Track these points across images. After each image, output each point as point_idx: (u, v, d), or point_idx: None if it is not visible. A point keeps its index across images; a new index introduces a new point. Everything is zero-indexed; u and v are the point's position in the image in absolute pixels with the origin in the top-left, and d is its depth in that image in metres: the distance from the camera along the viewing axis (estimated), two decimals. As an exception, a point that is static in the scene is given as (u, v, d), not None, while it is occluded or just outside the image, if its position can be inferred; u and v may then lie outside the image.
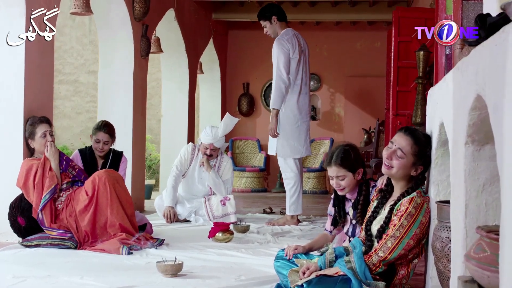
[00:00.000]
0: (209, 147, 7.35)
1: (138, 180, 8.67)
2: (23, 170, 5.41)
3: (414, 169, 3.49)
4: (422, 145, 3.47)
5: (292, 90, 7.36)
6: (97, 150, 6.26)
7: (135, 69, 8.39)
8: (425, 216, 3.38)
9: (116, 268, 4.52)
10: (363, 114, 13.50)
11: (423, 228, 3.39)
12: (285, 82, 7.26)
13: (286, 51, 7.30)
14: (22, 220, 5.41)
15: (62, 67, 14.17)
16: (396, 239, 3.35)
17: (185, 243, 5.65)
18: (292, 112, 7.35)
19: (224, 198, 7.34)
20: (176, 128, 11.10)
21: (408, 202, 3.40)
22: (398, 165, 3.48)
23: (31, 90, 5.72)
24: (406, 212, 3.36)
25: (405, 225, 3.35)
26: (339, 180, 4.11)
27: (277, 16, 7.48)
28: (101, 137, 6.24)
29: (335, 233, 4.35)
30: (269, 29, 7.54)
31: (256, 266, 4.64)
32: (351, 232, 4.16)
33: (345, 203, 4.27)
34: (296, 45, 7.43)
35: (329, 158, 4.17)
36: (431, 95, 3.53)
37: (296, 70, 7.42)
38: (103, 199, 5.39)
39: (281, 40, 7.36)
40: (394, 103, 8.15)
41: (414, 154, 3.46)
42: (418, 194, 3.43)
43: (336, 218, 4.29)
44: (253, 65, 14.09)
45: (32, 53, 5.72)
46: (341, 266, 3.40)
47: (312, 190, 12.93)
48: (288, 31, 7.49)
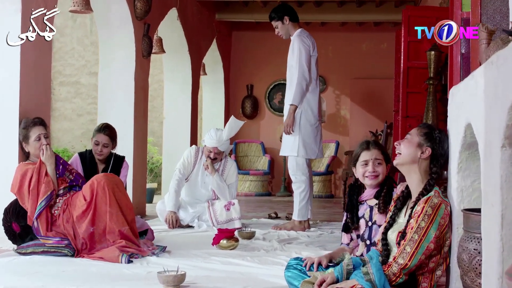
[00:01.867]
0: (213, 151, 7.13)
1: (139, 184, 8.46)
2: (18, 175, 5.17)
3: (420, 150, 3.36)
4: (429, 127, 3.43)
5: (313, 89, 7.15)
6: (96, 153, 6.01)
7: (137, 69, 8.19)
8: (443, 218, 3.14)
9: (114, 278, 4.26)
10: (369, 117, 13.27)
11: (442, 231, 3.14)
12: (306, 79, 7.04)
13: (307, 47, 7.12)
14: (17, 226, 5.16)
15: (63, 69, 13.98)
16: (415, 243, 3.11)
17: (188, 251, 5.41)
18: (313, 112, 7.13)
19: (228, 203, 7.10)
20: (178, 131, 10.91)
21: (424, 201, 3.17)
22: (403, 145, 3.40)
23: (26, 90, 5.49)
24: (422, 212, 3.13)
25: (422, 227, 3.11)
26: (376, 165, 3.93)
27: (289, 16, 7.27)
28: (101, 139, 6.00)
29: (352, 245, 4.09)
30: (281, 30, 7.32)
31: (264, 276, 4.38)
32: (368, 235, 3.90)
33: (358, 207, 4.01)
34: (314, 43, 7.29)
35: (365, 144, 4.02)
36: (454, 94, 3.28)
37: (316, 69, 7.24)
38: (102, 205, 5.14)
39: (302, 37, 7.16)
40: (404, 105, 7.92)
41: (420, 134, 3.38)
42: (436, 194, 3.19)
43: (347, 224, 4.03)
44: (257, 67, 13.88)
45: (28, 51, 5.48)
46: (359, 278, 3.15)
47: (318, 194, 12.71)
48: (303, 31, 7.30)
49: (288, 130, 7.00)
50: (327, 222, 7.93)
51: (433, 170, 3.33)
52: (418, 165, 3.36)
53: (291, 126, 6.99)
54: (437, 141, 3.36)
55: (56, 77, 13.94)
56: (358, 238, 4.01)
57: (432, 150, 3.35)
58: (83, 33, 14.01)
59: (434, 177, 3.31)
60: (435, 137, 3.37)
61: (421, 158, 3.34)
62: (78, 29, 13.99)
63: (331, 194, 13.11)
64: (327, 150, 13.40)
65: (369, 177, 3.93)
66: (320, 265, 3.69)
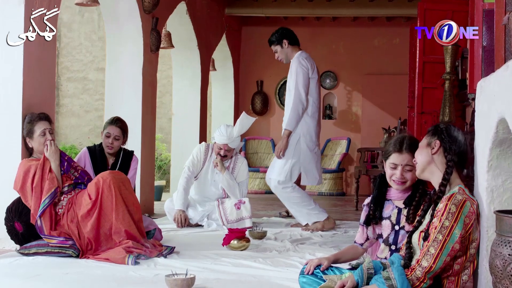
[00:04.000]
0: (223, 148, 6.94)
1: (147, 181, 8.28)
2: (21, 171, 4.98)
3: (430, 147, 3.23)
4: (435, 125, 3.32)
5: (313, 112, 6.98)
6: (106, 147, 5.82)
7: (144, 64, 8.01)
8: (468, 216, 2.93)
9: (120, 281, 4.06)
10: (381, 113, 13.06)
11: (468, 230, 2.92)
12: (303, 103, 6.87)
13: (305, 70, 6.92)
14: (19, 225, 4.98)
15: (70, 64, 13.82)
16: (439, 243, 2.90)
17: (197, 251, 5.22)
18: (312, 137, 6.98)
19: (239, 202, 6.91)
20: (187, 127, 10.74)
21: (447, 199, 2.97)
22: (416, 154, 3.32)
23: (30, 84, 5.30)
24: (446, 210, 2.93)
25: (446, 226, 2.90)
26: (406, 171, 3.61)
27: (288, 40, 7.11)
28: (113, 131, 5.82)
29: (366, 246, 3.84)
30: (280, 54, 7.18)
31: (277, 279, 4.18)
32: (393, 240, 3.64)
33: (383, 206, 3.75)
34: (314, 65, 7.09)
35: (398, 144, 3.65)
36: (483, 87, 3.06)
37: (316, 91, 7.04)
38: (108, 203, 4.95)
39: (300, 59, 6.98)
40: (419, 100, 7.72)
41: (427, 136, 3.30)
42: (460, 191, 2.98)
43: (369, 216, 3.75)
44: (267, 63, 13.68)
45: (32, 45, 5.29)
46: (380, 283, 2.94)
47: (329, 192, 12.51)
48: (303, 52, 7.12)
49: (279, 154, 6.87)
50: (339, 221, 7.72)
51: (448, 158, 3.17)
52: (434, 163, 3.18)
53: (283, 151, 6.87)
54: (443, 131, 3.24)
55: (64, 73, 13.78)
56: (379, 239, 3.76)
57: (440, 142, 3.20)
58: (91, 28, 13.85)
59: (450, 165, 3.14)
60: (440, 129, 3.25)
61: (433, 154, 3.17)
62: (86, 24, 13.83)
63: (343, 192, 12.89)
64: (338, 147, 13.20)
65: (395, 181, 3.66)
66: (337, 268, 3.48)
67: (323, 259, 3.52)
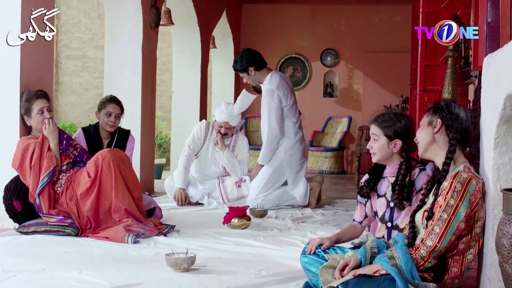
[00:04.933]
0: (223, 126, 6.88)
1: (147, 159, 8.23)
2: (19, 150, 4.92)
3: (432, 126, 3.12)
4: (435, 103, 3.20)
5: (294, 133, 6.88)
6: (108, 125, 5.70)
7: (144, 41, 7.93)
8: (474, 195, 2.86)
9: (120, 260, 4.02)
10: (383, 91, 12.99)
11: (473, 209, 2.86)
12: (277, 137, 6.78)
13: (277, 102, 6.74)
14: (18, 204, 4.92)
15: (69, 42, 13.74)
16: (444, 222, 2.83)
17: (197, 230, 5.18)
18: (297, 160, 6.91)
19: (240, 180, 6.87)
20: (187, 105, 10.69)
21: (452, 177, 2.89)
22: (418, 134, 3.20)
23: (28, 61, 5.23)
24: (451, 189, 2.85)
25: (451, 205, 2.83)
26: (372, 140, 3.56)
27: (254, 66, 6.86)
28: (113, 109, 5.72)
29: (365, 224, 3.78)
30: (248, 80, 7.01)
31: (278, 258, 4.14)
32: (389, 217, 3.58)
33: (380, 179, 3.67)
34: (288, 89, 6.86)
35: (375, 116, 3.65)
36: (490, 63, 2.98)
37: (295, 114, 6.89)
38: (107, 181, 4.90)
39: (272, 89, 6.75)
40: (422, 78, 7.65)
41: (427, 114, 3.19)
42: (465, 169, 2.91)
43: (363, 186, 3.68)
44: (267, 40, 13.59)
45: (29, 4, 5.18)
46: (383, 262, 2.87)
47: (330, 170, 12.47)
48: (273, 76, 6.86)
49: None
50: (339, 200, 7.68)
51: (450, 136, 3.06)
52: (437, 142, 3.09)
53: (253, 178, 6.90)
54: (444, 109, 3.12)
55: (63, 51, 13.70)
56: (376, 217, 3.70)
57: (442, 120, 3.10)
58: (90, 5, 13.76)
59: (453, 143, 3.04)
60: (441, 106, 3.14)
61: (435, 133, 3.08)
62: (85, 1, 13.75)
63: (343, 170, 12.86)
64: (339, 126, 13.15)
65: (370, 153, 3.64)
66: (339, 247, 3.43)
67: (325, 239, 3.46)
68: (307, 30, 13.64)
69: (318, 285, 3.17)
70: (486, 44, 4.88)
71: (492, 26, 4.81)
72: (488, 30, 4.93)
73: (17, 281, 3.43)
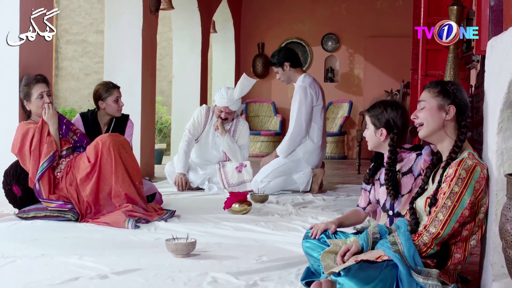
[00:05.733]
0: (224, 110, 6.84)
1: (147, 144, 8.21)
2: (19, 135, 4.89)
3: (444, 112, 2.99)
4: (439, 84, 3.06)
5: (318, 140, 6.89)
6: (118, 111, 5.65)
7: (144, 25, 7.88)
8: (479, 182, 2.81)
9: (120, 246, 4.00)
10: (384, 76, 12.92)
11: (478, 196, 2.82)
12: (301, 134, 6.82)
13: (310, 101, 6.80)
14: (17, 189, 4.90)
15: (69, 27, 13.68)
16: (447, 209, 2.79)
17: (198, 215, 5.17)
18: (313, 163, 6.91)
19: (240, 165, 6.84)
20: (188, 90, 10.64)
21: (457, 164, 2.84)
22: (424, 116, 3.04)
23: (27, 45, 5.17)
24: (455, 176, 2.80)
25: (456, 192, 2.79)
26: (365, 128, 3.63)
27: (290, 62, 6.89)
28: (119, 93, 5.69)
29: (369, 210, 3.76)
30: (281, 76, 7.00)
31: (279, 243, 4.12)
32: (390, 205, 3.56)
33: (381, 167, 3.67)
34: (319, 91, 6.92)
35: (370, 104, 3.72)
36: (494, 47, 2.94)
37: (322, 118, 6.91)
38: (107, 166, 4.88)
39: (306, 87, 6.83)
40: (424, 63, 7.59)
41: (435, 95, 3.02)
42: (470, 156, 2.86)
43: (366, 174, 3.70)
44: (268, 25, 13.53)
45: (28, 4, 5.15)
46: (385, 248, 2.84)
47: (330, 156, 12.45)
48: (306, 77, 6.95)
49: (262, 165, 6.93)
50: (341, 185, 7.66)
51: (462, 124, 2.98)
52: (445, 128, 3.01)
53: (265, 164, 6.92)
54: (456, 93, 3.01)
55: (63, 36, 13.64)
56: (378, 205, 3.69)
57: (456, 107, 2.99)
58: (90, -10, 13.69)
59: (464, 131, 2.97)
60: (452, 90, 3.01)
61: (447, 120, 3.00)
62: (85, -14, 13.67)
63: (344, 155, 12.85)
64: (340, 110, 13.12)
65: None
66: (342, 232, 3.41)
67: (330, 224, 3.44)
68: (308, 15, 13.56)
69: (320, 270, 3.16)
70: (489, 28, 4.84)
71: (495, 10, 4.77)
72: (491, 14, 4.89)
73: (17, 267, 3.42)
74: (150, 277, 3.24)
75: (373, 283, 2.70)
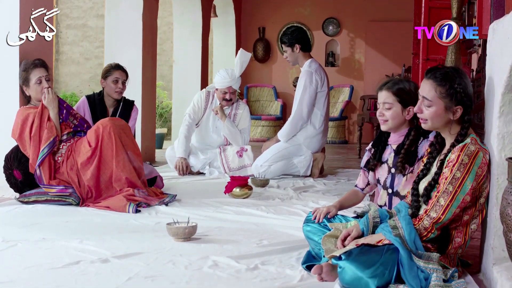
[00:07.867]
0: (228, 91, 6.84)
1: (148, 129, 8.21)
2: (19, 120, 4.88)
3: (451, 112, 2.94)
4: (448, 82, 2.93)
5: (319, 126, 6.89)
6: (115, 92, 5.64)
7: (145, 9, 7.86)
8: (481, 167, 2.80)
9: (121, 230, 4.01)
10: (385, 60, 12.88)
11: (480, 181, 2.82)
12: (302, 119, 6.81)
13: (314, 86, 6.79)
14: (18, 173, 4.90)
15: (69, 11, 13.63)
16: (449, 194, 2.79)
17: (199, 199, 5.17)
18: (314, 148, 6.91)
19: (241, 149, 6.84)
20: (188, 75, 10.59)
21: (460, 149, 2.83)
22: (430, 116, 2.97)
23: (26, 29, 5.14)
24: (458, 161, 2.80)
25: (458, 177, 2.78)
26: (385, 109, 3.51)
27: (301, 45, 6.89)
28: (120, 75, 5.68)
29: (367, 191, 3.76)
30: (289, 56, 6.98)
31: (280, 227, 4.13)
32: (390, 183, 3.55)
33: (385, 147, 3.65)
34: (324, 77, 6.93)
35: (383, 83, 3.58)
36: (496, 30, 2.93)
37: (325, 105, 6.92)
38: (108, 151, 4.87)
39: (312, 72, 6.82)
40: (424, 47, 7.54)
41: (442, 96, 2.93)
42: (473, 141, 2.85)
43: (369, 161, 3.67)
44: (269, 9, 13.47)
45: (28, 4, 5.13)
46: (386, 232, 2.85)
47: (331, 140, 12.43)
48: (313, 62, 6.93)
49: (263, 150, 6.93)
50: (341, 169, 7.66)
51: (466, 119, 2.95)
52: (449, 124, 2.98)
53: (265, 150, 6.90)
54: (462, 93, 2.92)
55: (63, 20, 13.59)
56: (379, 184, 3.68)
57: (463, 107, 2.93)
58: (90, -27, 13.63)
59: (466, 126, 2.94)
60: (459, 90, 2.91)
61: (454, 119, 2.96)
62: (85, -31, 13.62)
63: (345, 140, 12.83)
64: (340, 95, 13.09)
65: (379, 121, 3.58)
66: (343, 216, 3.41)
67: (331, 207, 3.45)
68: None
69: (321, 254, 3.16)
70: (490, 12, 4.83)
71: (497, -7, 4.76)
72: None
73: (18, 251, 3.42)
74: (151, 261, 3.24)
75: (374, 266, 2.71)
